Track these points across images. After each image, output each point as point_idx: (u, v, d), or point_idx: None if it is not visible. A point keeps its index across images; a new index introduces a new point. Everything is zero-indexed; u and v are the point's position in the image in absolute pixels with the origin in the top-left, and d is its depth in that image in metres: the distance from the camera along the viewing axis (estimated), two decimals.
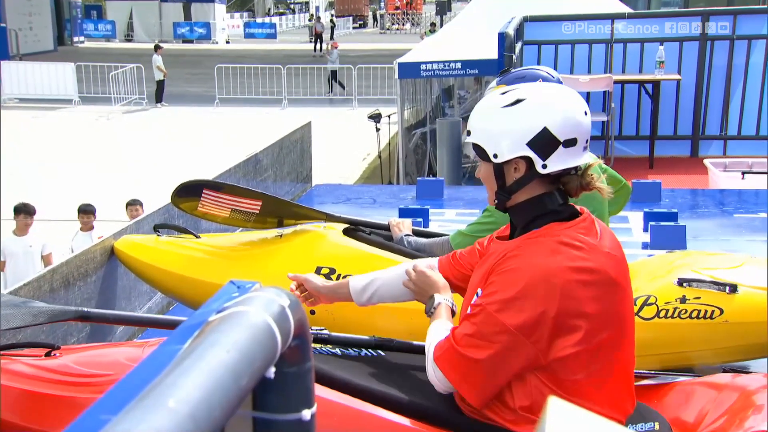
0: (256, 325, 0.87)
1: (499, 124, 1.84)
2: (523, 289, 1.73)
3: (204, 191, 3.51)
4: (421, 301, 2.11)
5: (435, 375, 1.87)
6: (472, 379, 1.79)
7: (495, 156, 1.85)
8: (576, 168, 1.84)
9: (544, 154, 1.81)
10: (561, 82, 2.96)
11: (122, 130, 16.84)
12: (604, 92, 8.78)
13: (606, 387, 1.79)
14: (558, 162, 1.81)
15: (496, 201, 1.91)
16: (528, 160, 1.82)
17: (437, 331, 1.93)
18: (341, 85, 21.22)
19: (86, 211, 7.07)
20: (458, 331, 1.82)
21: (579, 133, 1.81)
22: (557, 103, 1.83)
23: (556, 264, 1.73)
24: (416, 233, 3.38)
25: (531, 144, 1.81)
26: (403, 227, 3.34)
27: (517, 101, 1.84)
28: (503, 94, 1.88)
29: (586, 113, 1.83)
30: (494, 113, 1.86)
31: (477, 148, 1.89)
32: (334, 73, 21.40)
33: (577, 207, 1.89)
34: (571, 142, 1.80)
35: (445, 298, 2.04)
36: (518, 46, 8.18)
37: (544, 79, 2.96)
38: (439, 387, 1.88)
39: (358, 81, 19.07)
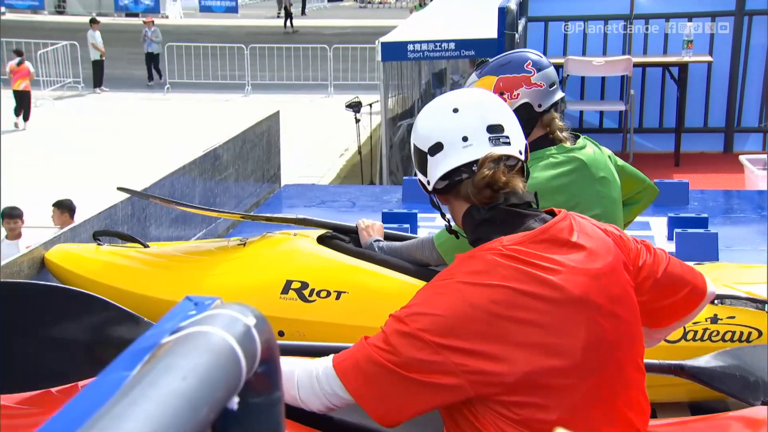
0: (216, 347, 0.87)
1: None
2: (448, 310, 1.72)
3: (151, 198, 3.55)
4: None
5: (326, 384, 1.80)
6: (383, 391, 1.75)
7: None
8: (469, 170, 1.86)
9: (424, 171, 1.96)
10: (550, 65, 2.99)
11: (53, 118, 16.76)
12: (622, 77, 8.83)
13: (592, 424, 1.75)
14: (435, 173, 1.92)
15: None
16: None
17: (306, 360, 1.91)
18: (158, 71, 20.54)
19: (12, 215, 7.01)
20: (371, 339, 1.79)
21: (442, 135, 1.91)
22: (422, 114, 2.00)
23: (489, 283, 1.72)
24: (389, 238, 3.37)
25: (415, 162, 1.99)
26: (373, 231, 3.33)
27: None
28: None
29: (456, 110, 1.91)
30: None
31: None
32: (153, 57, 20.59)
33: (555, 210, 1.88)
34: (435, 148, 1.91)
35: None
36: (521, 22, 8.23)
37: (526, 59, 2.99)
38: (319, 403, 1.83)
39: (335, 64, 19.09)
